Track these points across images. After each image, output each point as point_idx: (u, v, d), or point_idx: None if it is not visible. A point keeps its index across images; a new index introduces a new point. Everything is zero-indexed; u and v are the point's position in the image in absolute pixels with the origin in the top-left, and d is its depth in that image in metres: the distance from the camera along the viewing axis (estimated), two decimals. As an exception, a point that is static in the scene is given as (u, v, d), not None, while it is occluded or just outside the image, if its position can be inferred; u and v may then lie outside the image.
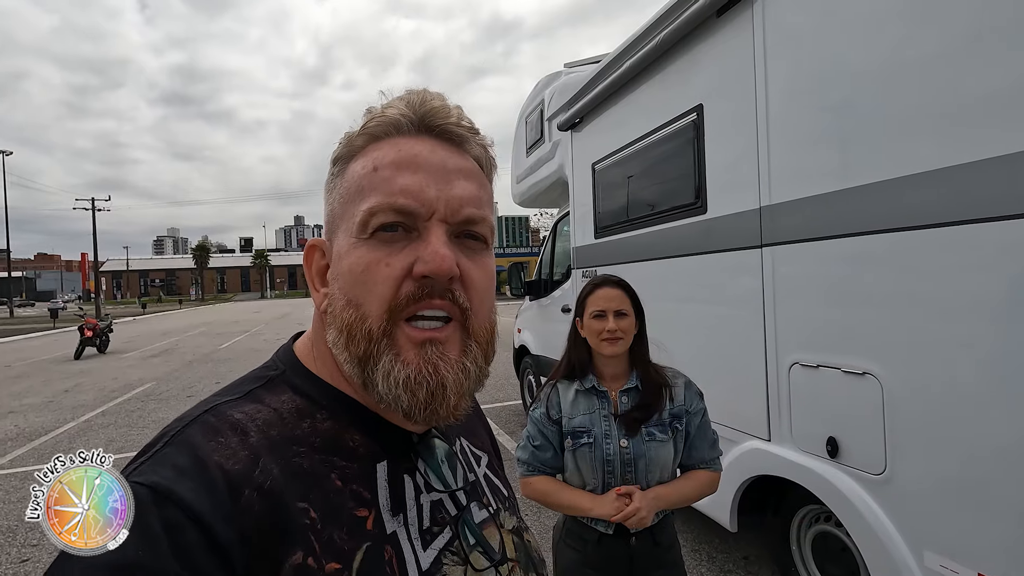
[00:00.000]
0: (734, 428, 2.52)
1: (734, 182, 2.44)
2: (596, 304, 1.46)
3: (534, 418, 1.51)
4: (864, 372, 1.84)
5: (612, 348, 1.42)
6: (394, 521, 0.51)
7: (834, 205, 1.93)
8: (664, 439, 1.40)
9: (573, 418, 1.44)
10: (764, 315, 2.28)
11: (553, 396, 1.50)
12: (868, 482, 1.86)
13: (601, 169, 3.65)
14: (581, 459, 1.42)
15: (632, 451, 1.40)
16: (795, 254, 2.12)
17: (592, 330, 1.46)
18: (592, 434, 1.41)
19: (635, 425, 1.40)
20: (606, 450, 1.40)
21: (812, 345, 2.07)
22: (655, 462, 1.40)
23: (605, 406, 1.44)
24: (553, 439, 1.46)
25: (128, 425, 6.73)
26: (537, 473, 1.48)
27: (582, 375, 1.48)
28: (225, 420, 0.49)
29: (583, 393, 1.47)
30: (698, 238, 2.68)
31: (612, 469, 1.40)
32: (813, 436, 2.07)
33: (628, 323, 1.45)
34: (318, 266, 0.56)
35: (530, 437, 1.50)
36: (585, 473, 1.43)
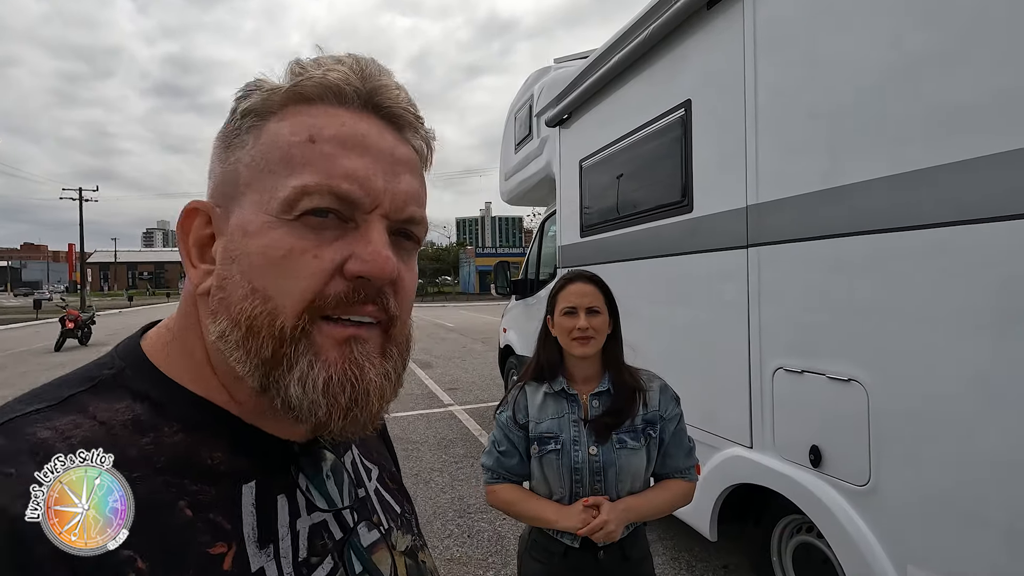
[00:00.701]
0: (716, 434, 2.45)
1: (721, 180, 2.37)
2: (567, 300, 1.37)
3: (500, 422, 1.43)
4: (849, 379, 1.77)
5: (583, 348, 1.34)
6: (262, 555, 0.42)
7: (821, 205, 1.86)
8: (636, 447, 1.32)
9: (540, 423, 1.36)
10: (748, 318, 2.20)
11: (520, 399, 1.42)
12: (851, 493, 1.79)
13: (588, 166, 3.57)
14: (548, 467, 1.34)
15: (602, 459, 1.31)
16: (781, 255, 2.04)
17: (562, 328, 1.37)
18: (560, 440, 1.33)
19: (605, 431, 1.31)
20: (574, 458, 1.31)
21: (797, 350, 1.99)
22: (626, 471, 1.32)
23: (575, 410, 1.36)
24: (519, 445, 1.38)
25: (103, 419, 6.56)
26: (502, 481, 1.40)
27: (551, 377, 1.39)
28: (22, 440, 0.38)
29: (552, 396, 1.38)
30: (683, 238, 2.61)
31: (580, 478, 1.31)
32: (796, 444, 2.00)
33: (601, 321, 1.36)
34: (199, 235, 0.46)
35: (495, 442, 1.42)
36: (552, 482, 1.35)
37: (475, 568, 3.03)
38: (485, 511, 3.78)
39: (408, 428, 5.95)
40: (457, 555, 3.18)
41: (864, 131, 1.73)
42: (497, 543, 3.33)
